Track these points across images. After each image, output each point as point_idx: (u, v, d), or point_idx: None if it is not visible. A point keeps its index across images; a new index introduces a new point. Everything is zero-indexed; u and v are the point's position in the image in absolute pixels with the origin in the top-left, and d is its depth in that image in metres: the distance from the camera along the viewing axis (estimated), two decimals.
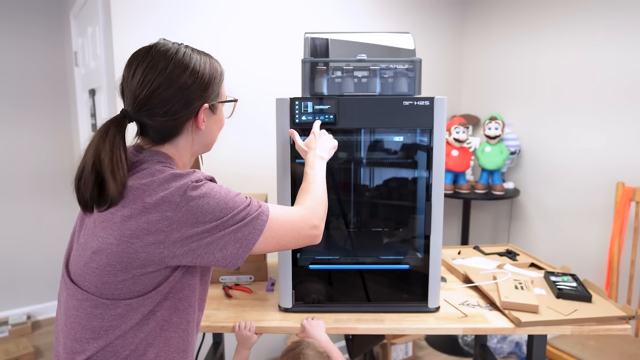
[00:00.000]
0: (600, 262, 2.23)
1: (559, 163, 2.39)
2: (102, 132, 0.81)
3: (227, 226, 0.80)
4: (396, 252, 1.33)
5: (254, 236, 0.83)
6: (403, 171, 1.31)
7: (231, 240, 0.81)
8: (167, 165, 0.85)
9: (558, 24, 2.34)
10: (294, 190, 1.23)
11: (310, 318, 1.23)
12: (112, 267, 0.77)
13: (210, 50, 0.97)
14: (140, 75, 0.82)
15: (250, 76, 2.07)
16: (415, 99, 1.20)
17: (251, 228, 0.82)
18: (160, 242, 0.77)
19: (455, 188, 2.47)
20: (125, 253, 0.76)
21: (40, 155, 2.79)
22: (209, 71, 0.88)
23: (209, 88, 0.88)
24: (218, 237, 0.80)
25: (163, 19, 1.82)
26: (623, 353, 1.67)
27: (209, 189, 0.81)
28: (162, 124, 0.84)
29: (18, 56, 2.67)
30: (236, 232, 0.81)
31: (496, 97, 2.71)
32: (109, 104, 1.85)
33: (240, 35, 2.01)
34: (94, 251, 0.78)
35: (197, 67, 0.85)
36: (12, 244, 2.76)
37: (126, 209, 0.77)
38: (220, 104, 0.93)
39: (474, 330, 1.20)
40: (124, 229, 0.76)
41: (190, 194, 0.78)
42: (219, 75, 0.91)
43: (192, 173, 0.82)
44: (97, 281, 0.78)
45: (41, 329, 2.76)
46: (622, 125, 2.11)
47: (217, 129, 0.95)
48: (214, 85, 0.89)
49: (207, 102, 0.87)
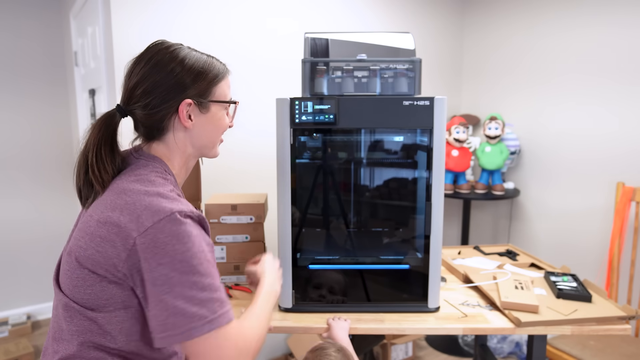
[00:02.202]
0: (600, 262, 2.23)
1: (559, 163, 2.39)
2: (93, 125, 0.82)
3: (178, 286, 0.71)
4: (396, 252, 1.33)
5: (196, 330, 0.70)
6: (403, 171, 1.31)
7: (171, 307, 0.70)
8: (161, 176, 0.82)
9: (559, 20, 2.34)
10: (294, 190, 1.24)
11: (337, 318, 1.22)
12: (80, 271, 0.75)
13: (210, 51, 0.96)
14: (132, 67, 0.84)
15: (251, 76, 2.07)
16: (415, 99, 1.20)
17: (203, 320, 0.71)
18: (122, 260, 0.73)
19: (456, 188, 2.47)
20: (90, 259, 0.74)
21: (40, 153, 2.79)
22: (200, 67, 0.85)
23: (195, 83, 0.85)
24: (161, 290, 0.71)
25: (163, 19, 1.82)
26: (623, 353, 1.67)
27: (185, 232, 0.72)
28: (145, 117, 0.84)
29: (18, 44, 2.67)
30: (181, 304, 0.70)
31: (496, 96, 2.71)
32: (109, 104, 1.85)
33: (241, 35, 2.01)
34: (68, 252, 0.79)
35: (186, 60, 0.84)
36: (12, 244, 2.76)
37: (103, 214, 0.75)
38: (216, 104, 0.89)
39: (474, 330, 1.20)
40: (94, 235, 0.74)
41: (163, 225, 0.72)
42: (213, 74, 0.88)
43: (179, 202, 0.76)
44: (69, 283, 0.77)
45: (41, 329, 2.76)
46: (623, 125, 2.11)
47: (211, 130, 0.90)
48: (202, 82, 0.86)
49: (190, 97, 0.84)
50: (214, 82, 0.88)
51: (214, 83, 0.88)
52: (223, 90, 0.91)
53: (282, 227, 1.24)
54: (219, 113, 0.91)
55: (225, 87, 0.92)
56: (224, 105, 0.92)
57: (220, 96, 0.90)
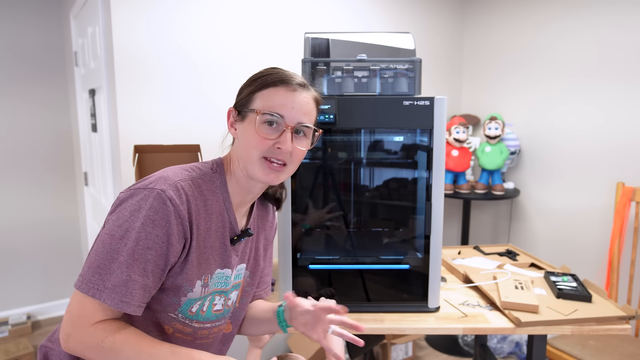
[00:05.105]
0: (600, 262, 2.23)
1: (559, 163, 2.39)
2: None
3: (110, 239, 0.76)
4: (396, 252, 1.33)
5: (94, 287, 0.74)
6: (403, 171, 1.31)
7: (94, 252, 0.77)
8: (196, 167, 0.87)
9: (559, 20, 2.34)
10: (294, 190, 1.24)
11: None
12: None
13: (210, 51, 0.96)
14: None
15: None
16: (415, 99, 1.20)
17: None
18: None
19: (455, 188, 2.47)
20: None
21: (40, 154, 2.79)
22: (254, 75, 0.87)
23: (242, 92, 0.87)
24: (101, 233, 0.79)
25: (164, 19, 1.82)
26: (623, 353, 1.67)
27: (140, 202, 0.76)
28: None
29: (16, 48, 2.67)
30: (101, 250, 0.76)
31: (496, 96, 2.71)
32: (109, 104, 1.85)
33: (241, 36, 2.01)
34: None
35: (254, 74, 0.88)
36: (12, 244, 2.76)
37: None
38: (252, 112, 0.83)
39: (474, 330, 1.20)
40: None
41: (136, 189, 0.78)
42: (259, 82, 0.84)
43: (169, 181, 0.79)
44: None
45: (41, 329, 2.76)
46: (623, 125, 2.11)
47: (245, 141, 0.84)
48: (246, 89, 0.86)
49: (235, 106, 0.88)
50: (256, 88, 0.84)
51: (256, 90, 0.84)
52: (267, 98, 0.83)
53: (282, 227, 1.24)
54: (252, 122, 0.83)
55: (272, 96, 0.83)
56: (258, 116, 0.83)
57: (261, 105, 0.83)
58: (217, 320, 0.94)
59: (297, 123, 0.83)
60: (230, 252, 0.90)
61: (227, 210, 0.88)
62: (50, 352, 0.88)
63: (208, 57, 1.93)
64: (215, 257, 0.88)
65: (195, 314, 0.88)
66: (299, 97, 0.84)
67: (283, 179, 0.87)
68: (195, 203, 0.82)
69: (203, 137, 1.94)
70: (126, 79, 1.77)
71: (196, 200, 0.82)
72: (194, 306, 0.87)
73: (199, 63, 1.91)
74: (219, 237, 0.87)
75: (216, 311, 0.92)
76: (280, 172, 0.85)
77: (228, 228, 0.89)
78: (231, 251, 0.90)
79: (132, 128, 1.80)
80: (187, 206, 0.80)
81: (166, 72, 1.85)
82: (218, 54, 1.95)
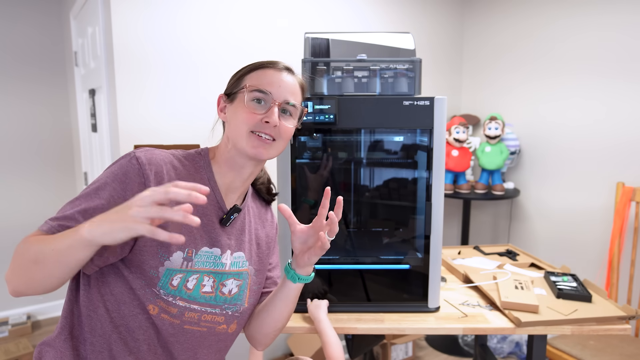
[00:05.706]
0: (600, 262, 2.23)
1: (559, 163, 2.39)
2: None
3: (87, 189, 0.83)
4: (396, 252, 1.33)
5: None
6: (403, 171, 1.31)
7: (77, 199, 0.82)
8: (180, 150, 0.91)
9: (559, 20, 2.34)
10: (294, 190, 1.24)
11: (315, 299, 1.26)
12: None
13: (211, 51, 0.98)
14: None
15: None
16: (415, 99, 1.20)
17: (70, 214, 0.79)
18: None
19: (455, 188, 2.47)
20: None
21: (41, 153, 2.80)
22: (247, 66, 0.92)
23: (231, 79, 0.92)
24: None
25: (163, 18, 1.82)
26: (623, 353, 1.67)
27: (114, 164, 0.84)
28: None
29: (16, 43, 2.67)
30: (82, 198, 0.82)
31: (496, 96, 2.71)
32: (109, 104, 1.85)
33: (241, 36, 2.01)
34: None
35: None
36: (12, 243, 2.75)
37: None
38: (240, 93, 0.88)
39: (474, 330, 1.20)
40: None
41: (124, 156, 0.85)
42: (246, 67, 0.90)
43: (149, 150, 0.85)
44: None
45: (41, 329, 2.76)
46: (623, 126, 2.11)
47: (235, 120, 0.87)
48: (235, 74, 0.91)
49: (226, 92, 0.92)
50: (246, 72, 0.90)
51: (245, 73, 0.90)
52: (256, 78, 0.88)
53: (283, 227, 1.24)
54: (241, 101, 0.88)
55: (260, 76, 0.88)
56: (246, 92, 0.87)
57: (248, 85, 0.88)
58: (208, 304, 0.89)
59: (284, 100, 0.88)
60: (219, 231, 0.90)
61: (212, 188, 0.90)
62: (44, 351, 0.87)
63: (208, 57, 1.93)
64: (201, 233, 0.87)
65: (178, 289, 0.84)
66: (286, 77, 0.90)
67: (272, 155, 0.89)
68: (169, 169, 0.85)
69: (203, 137, 1.94)
70: (126, 79, 1.77)
71: (175, 170, 0.86)
72: (174, 278, 0.83)
73: (200, 63, 1.91)
74: (204, 212, 0.88)
75: (205, 292, 0.88)
76: (268, 146, 0.87)
77: (215, 206, 0.90)
78: (220, 231, 0.90)
79: (132, 128, 1.80)
80: (156, 169, 0.83)
81: (166, 73, 1.85)
82: (218, 55, 1.95)
